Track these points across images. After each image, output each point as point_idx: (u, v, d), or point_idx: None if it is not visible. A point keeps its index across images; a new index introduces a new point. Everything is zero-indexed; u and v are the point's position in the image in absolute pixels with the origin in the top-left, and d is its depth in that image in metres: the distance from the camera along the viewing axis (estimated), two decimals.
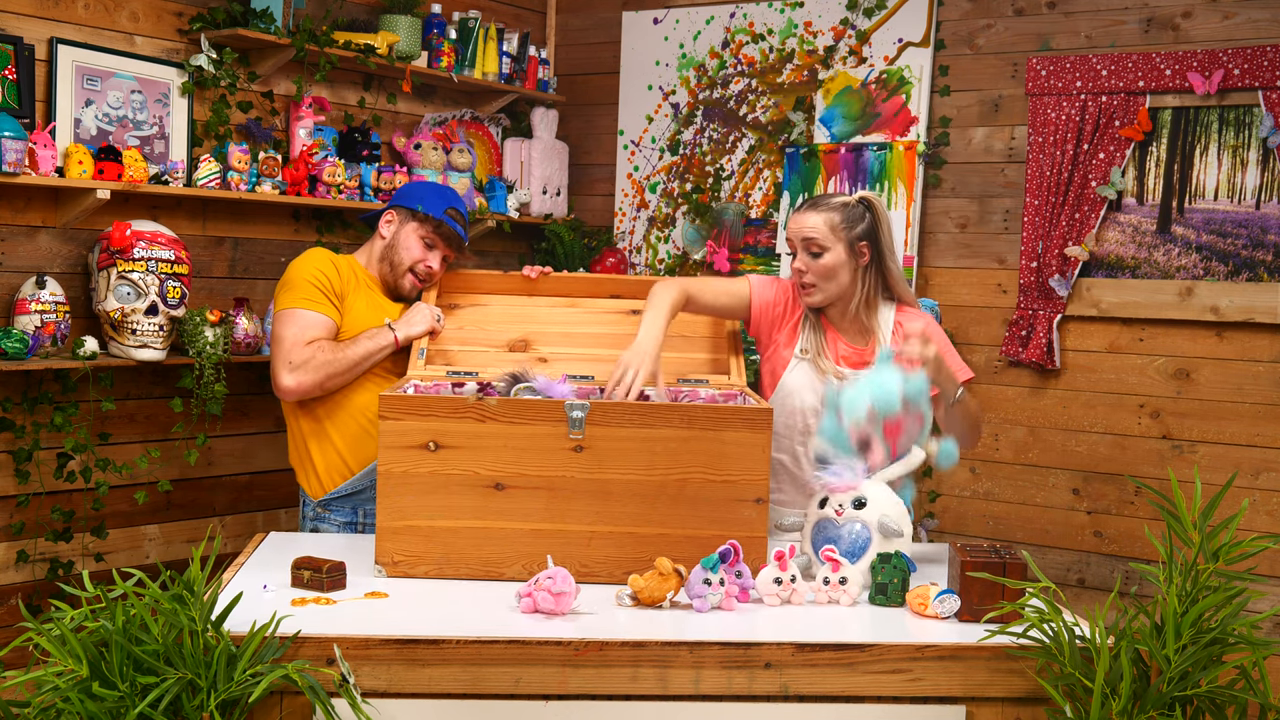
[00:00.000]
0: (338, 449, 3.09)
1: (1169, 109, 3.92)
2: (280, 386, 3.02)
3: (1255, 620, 2.09)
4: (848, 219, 2.93)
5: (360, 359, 3.04)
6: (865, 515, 2.51)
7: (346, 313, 3.12)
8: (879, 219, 2.97)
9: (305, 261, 3.14)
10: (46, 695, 1.92)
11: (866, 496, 2.52)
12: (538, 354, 3.10)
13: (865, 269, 2.96)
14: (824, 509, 2.57)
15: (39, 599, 3.43)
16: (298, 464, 3.18)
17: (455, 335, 3.15)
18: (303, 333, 3.02)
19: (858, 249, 2.94)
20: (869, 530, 2.50)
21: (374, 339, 3.05)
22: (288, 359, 3.01)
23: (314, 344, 3.01)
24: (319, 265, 3.12)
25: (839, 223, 2.93)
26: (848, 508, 2.53)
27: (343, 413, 3.08)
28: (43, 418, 3.44)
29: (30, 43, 3.36)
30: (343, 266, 3.17)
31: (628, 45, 4.84)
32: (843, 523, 2.53)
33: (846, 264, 2.94)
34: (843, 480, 2.55)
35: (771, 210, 4.57)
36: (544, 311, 3.21)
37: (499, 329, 3.16)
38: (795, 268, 2.97)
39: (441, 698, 2.12)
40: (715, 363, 3.12)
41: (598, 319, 3.21)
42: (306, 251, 3.21)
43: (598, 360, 3.05)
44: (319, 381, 3.01)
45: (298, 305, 3.06)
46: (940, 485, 4.31)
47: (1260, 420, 3.82)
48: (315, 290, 3.07)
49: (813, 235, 2.92)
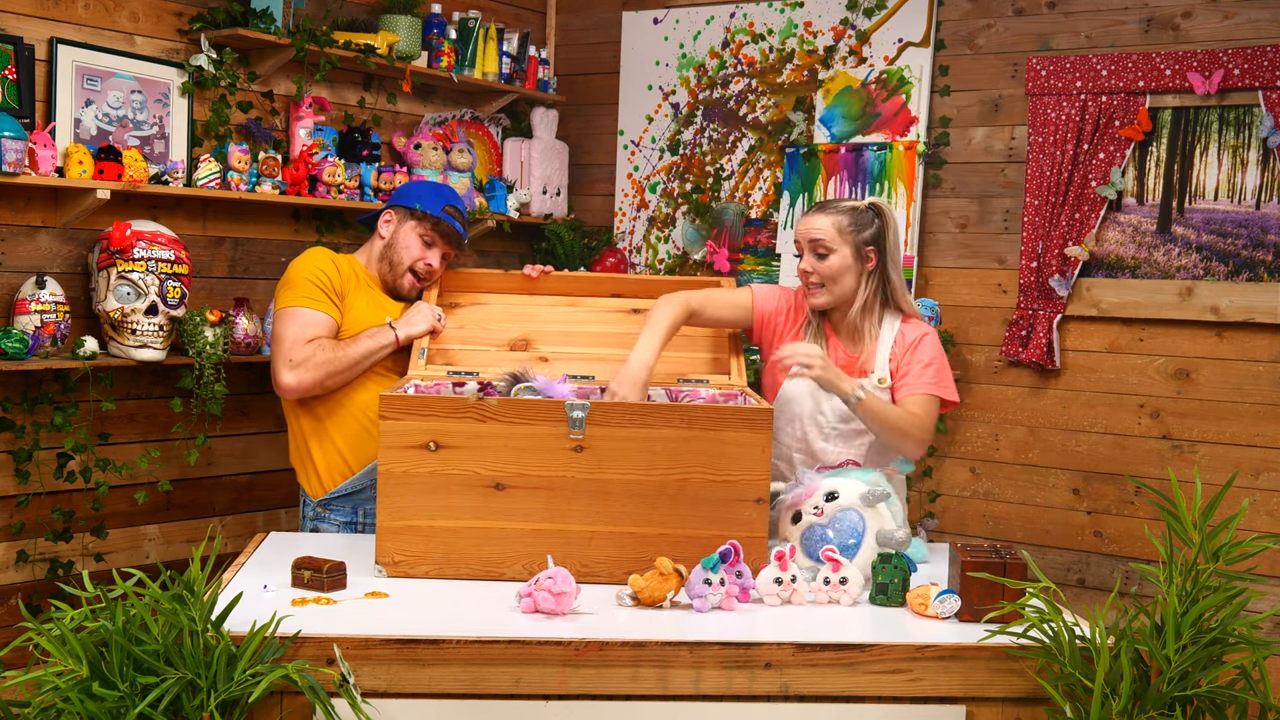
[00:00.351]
0: (338, 448, 3.09)
1: (1169, 109, 3.92)
2: (280, 384, 3.02)
3: (1255, 620, 2.09)
4: (856, 223, 2.96)
5: (361, 357, 3.04)
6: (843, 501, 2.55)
7: (347, 311, 3.12)
8: (887, 226, 2.98)
9: (306, 260, 3.14)
10: (46, 695, 1.92)
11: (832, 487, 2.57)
12: (538, 353, 3.10)
13: (870, 274, 2.98)
14: (799, 522, 2.61)
15: (39, 599, 3.43)
16: (298, 463, 3.18)
17: (456, 334, 3.15)
18: (303, 331, 3.02)
19: (864, 253, 2.96)
20: (856, 514, 2.53)
21: (374, 338, 3.05)
22: (288, 357, 3.01)
23: (314, 342, 3.01)
24: (319, 264, 3.12)
25: (847, 226, 2.95)
26: (823, 505, 2.56)
27: (343, 412, 3.08)
28: (43, 418, 3.44)
29: (30, 43, 3.36)
30: (343, 265, 3.17)
31: (628, 45, 4.84)
32: (827, 521, 2.54)
33: (852, 267, 2.96)
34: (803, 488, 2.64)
35: (771, 210, 4.57)
36: (545, 311, 3.21)
37: (500, 328, 3.16)
38: (802, 269, 2.99)
39: (441, 698, 2.12)
40: (715, 363, 3.12)
41: (598, 318, 3.21)
42: (307, 251, 3.22)
43: (598, 360, 3.05)
44: (319, 379, 3.01)
45: (298, 304, 3.06)
46: (940, 485, 4.31)
47: (1260, 420, 3.82)
48: (315, 289, 3.07)
49: (820, 237, 2.95)
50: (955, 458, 4.28)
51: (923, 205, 4.30)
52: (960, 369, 4.25)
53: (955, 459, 4.28)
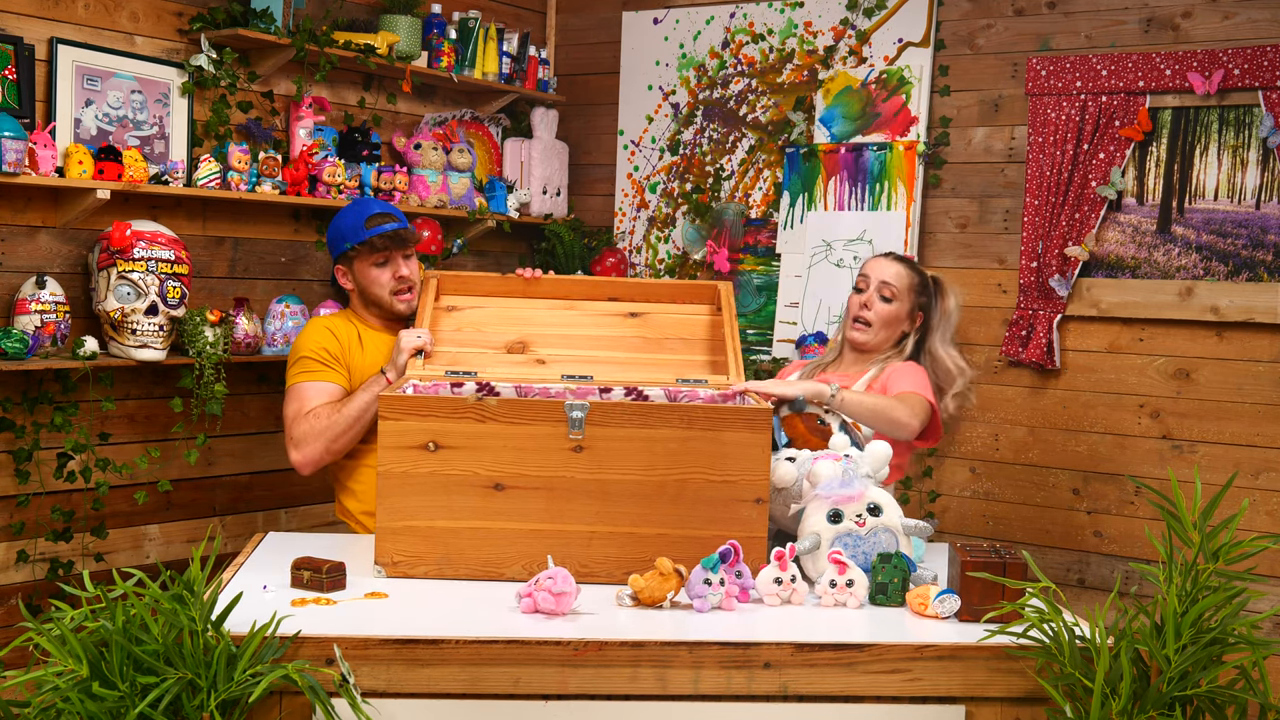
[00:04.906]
0: (364, 505, 3.16)
1: (1169, 109, 3.92)
2: (292, 464, 3.10)
3: (1255, 620, 2.09)
4: (921, 285, 3.26)
5: (360, 412, 3.04)
6: (886, 520, 2.50)
7: (356, 371, 3.15)
8: (938, 300, 3.26)
9: (302, 337, 3.21)
10: (46, 695, 1.92)
11: (877, 500, 2.52)
12: (535, 356, 3.10)
13: (906, 335, 3.25)
14: (840, 523, 2.51)
15: (39, 599, 3.43)
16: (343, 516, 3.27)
17: (453, 337, 3.15)
18: (301, 407, 3.09)
19: (914, 315, 3.24)
20: (894, 535, 2.50)
21: (368, 389, 3.07)
22: (290, 437, 3.09)
23: (310, 414, 3.06)
24: (315, 338, 3.17)
25: (915, 284, 3.24)
26: (866, 516, 2.51)
27: (361, 470, 3.15)
28: (43, 418, 3.44)
29: (30, 43, 3.36)
30: (339, 330, 3.20)
31: (628, 45, 4.84)
32: (866, 534, 2.50)
33: (903, 321, 3.24)
34: (852, 489, 2.54)
35: (771, 210, 4.57)
36: (542, 314, 3.21)
37: (496, 330, 3.17)
38: (862, 303, 3.23)
39: (441, 698, 2.12)
40: (715, 364, 3.12)
41: (596, 321, 3.21)
42: (305, 326, 3.29)
43: (596, 362, 3.05)
44: (324, 447, 3.06)
45: (296, 381, 3.13)
46: (940, 485, 4.31)
47: (1260, 420, 3.82)
48: (312, 362, 3.13)
49: (893, 283, 3.22)
50: (955, 458, 4.28)
51: (923, 205, 4.30)
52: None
53: (955, 459, 4.28)
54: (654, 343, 3.15)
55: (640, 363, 3.08)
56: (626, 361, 3.08)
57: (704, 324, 3.19)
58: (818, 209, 4.44)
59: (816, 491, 2.53)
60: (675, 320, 3.19)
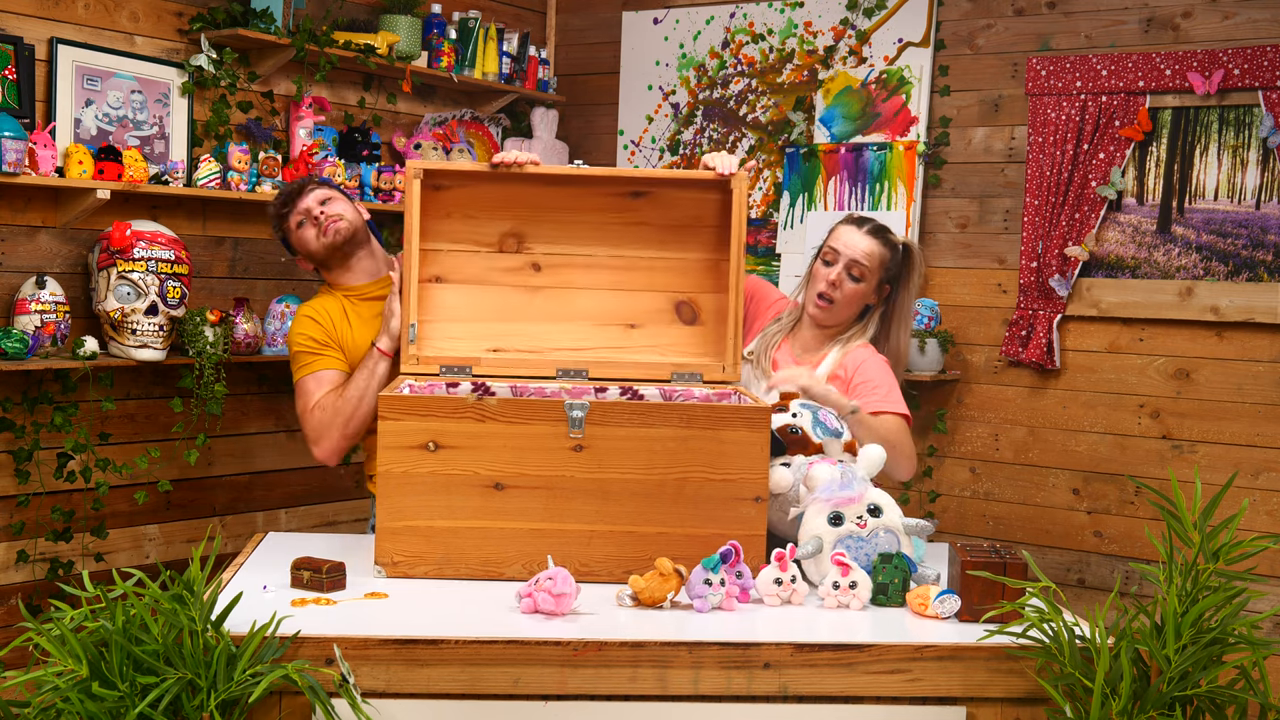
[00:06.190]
0: None
1: (1169, 109, 3.92)
2: (317, 460, 3.09)
3: (1255, 620, 2.09)
4: (889, 260, 3.04)
5: (362, 389, 3.02)
6: (887, 520, 2.50)
7: (349, 347, 3.12)
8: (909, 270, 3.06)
9: (290, 333, 3.18)
10: (46, 695, 1.92)
11: (877, 501, 2.51)
12: (531, 256, 2.98)
13: (870, 309, 3.08)
14: (841, 525, 2.50)
15: (39, 599, 3.43)
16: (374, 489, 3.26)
17: (444, 230, 2.98)
18: (306, 403, 3.07)
19: (881, 289, 3.06)
20: (895, 536, 2.49)
21: (364, 365, 3.05)
22: (306, 435, 3.08)
23: (316, 407, 3.06)
24: (298, 329, 3.13)
25: (885, 260, 3.04)
26: (867, 518, 2.50)
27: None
28: (43, 418, 3.44)
29: (30, 43, 3.36)
30: (321, 314, 3.13)
31: (628, 45, 4.84)
32: (868, 535, 2.50)
33: (869, 296, 3.06)
34: (852, 491, 2.53)
35: (771, 210, 4.57)
36: (536, 194, 3.01)
37: (488, 222, 3.00)
38: (829, 279, 3.02)
39: (441, 698, 2.12)
40: (711, 361, 3.11)
41: (598, 203, 3.03)
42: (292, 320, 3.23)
43: (598, 267, 3.00)
44: (339, 434, 3.04)
45: (296, 378, 3.11)
46: (940, 485, 4.31)
47: (1260, 420, 3.82)
48: (304, 354, 3.11)
49: (864, 263, 3.01)
50: (955, 458, 4.28)
51: (923, 205, 4.30)
52: (960, 369, 4.25)
53: (955, 459, 4.28)
54: (657, 237, 3.02)
55: (641, 265, 3.01)
56: (627, 265, 3.01)
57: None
58: (818, 209, 4.44)
59: (815, 495, 2.52)
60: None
